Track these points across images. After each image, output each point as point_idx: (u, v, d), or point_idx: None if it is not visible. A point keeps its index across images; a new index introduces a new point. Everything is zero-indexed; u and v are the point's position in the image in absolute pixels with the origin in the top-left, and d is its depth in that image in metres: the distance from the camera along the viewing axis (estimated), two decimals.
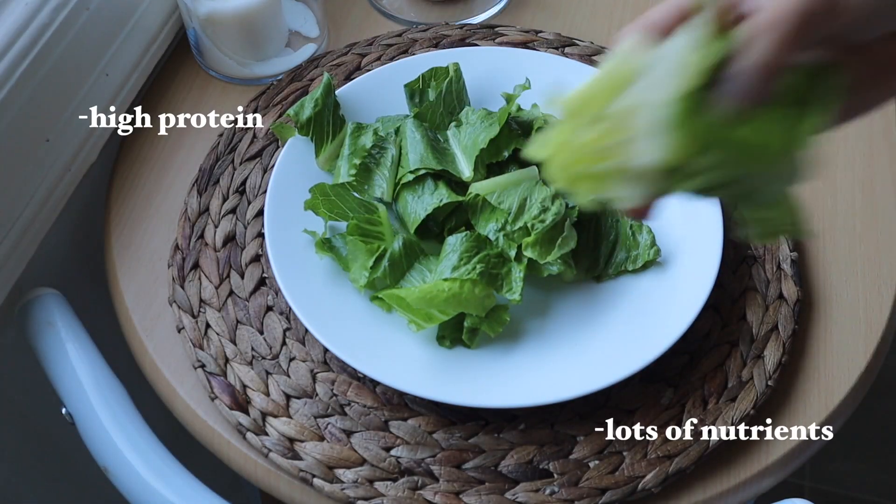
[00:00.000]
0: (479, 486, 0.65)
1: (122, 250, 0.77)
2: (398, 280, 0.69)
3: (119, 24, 0.79)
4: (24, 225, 0.71)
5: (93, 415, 0.68)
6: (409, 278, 0.69)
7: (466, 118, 0.75)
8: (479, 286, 0.66)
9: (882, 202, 0.80)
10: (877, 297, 0.74)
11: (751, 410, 0.67)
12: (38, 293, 0.73)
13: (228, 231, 0.76)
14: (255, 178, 0.79)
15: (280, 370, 0.69)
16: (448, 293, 0.65)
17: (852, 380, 0.70)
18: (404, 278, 0.70)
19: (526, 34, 0.89)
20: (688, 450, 0.65)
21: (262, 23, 0.85)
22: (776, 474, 0.67)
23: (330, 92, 0.77)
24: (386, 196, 0.73)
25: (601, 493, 0.64)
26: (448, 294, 0.65)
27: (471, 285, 0.66)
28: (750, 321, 0.71)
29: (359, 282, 0.69)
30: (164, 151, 0.83)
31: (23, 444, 0.83)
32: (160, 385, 0.71)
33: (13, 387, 0.80)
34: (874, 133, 0.84)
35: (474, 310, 0.66)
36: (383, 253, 0.69)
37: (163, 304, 0.74)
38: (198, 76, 0.88)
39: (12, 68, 0.67)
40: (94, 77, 0.76)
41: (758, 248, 0.75)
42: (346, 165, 0.75)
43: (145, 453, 0.66)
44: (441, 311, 0.66)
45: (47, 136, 0.72)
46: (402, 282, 0.69)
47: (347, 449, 0.66)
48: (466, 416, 0.67)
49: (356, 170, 0.74)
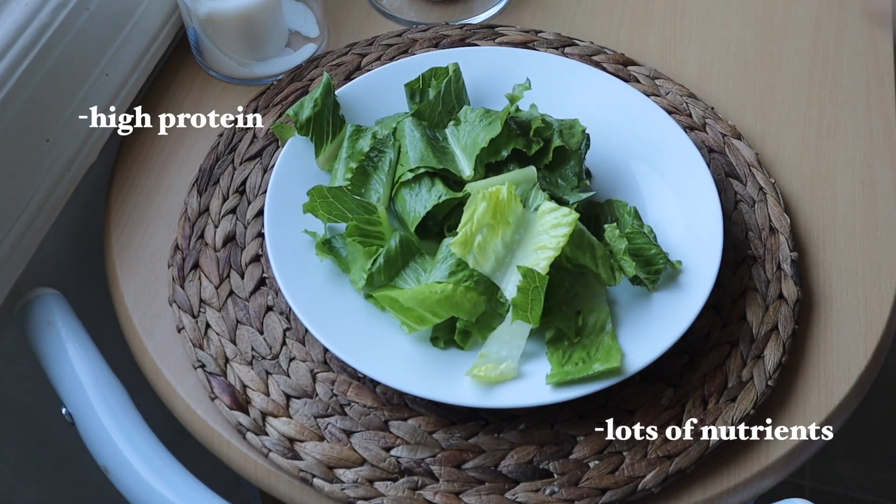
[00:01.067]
0: (479, 486, 0.65)
1: (122, 250, 0.77)
2: (392, 277, 0.69)
3: (119, 24, 0.79)
4: (24, 225, 0.71)
5: (93, 415, 0.68)
6: (404, 276, 0.69)
7: (465, 117, 0.75)
8: (471, 292, 0.66)
9: (882, 202, 0.80)
10: (877, 297, 0.74)
11: (751, 410, 0.67)
12: (38, 293, 0.73)
13: (228, 231, 0.76)
14: (255, 178, 0.79)
15: (280, 370, 0.69)
16: (440, 295, 0.65)
17: (852, 380, 0.70)
18: (399, 276, 0.69)
19: (526, 34, 0.89)
20: (688, 450, 0.65)
21: (262, 23, 0.85)
22: (776, 474, 0.67)
23: (329, 92, 0.77)
24: (382, 200, 0.73)
25: (601, 493, 0.64)
26: (440, 296, 0.65)
27: (464, 290, 0.66)
28: (750, 321, 0.71)
29: (358, 284, 0.69)
30: (164, 151, 0.83)
31: (23, 444, 0.83)
32: (160, 385, 0.71)
33: (13, 387, 0.80)
34: (874, 133, 0.84)
35: (465, 314, 0.66)
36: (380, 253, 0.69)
37: (163, 304, 0.74)
38: (198, 76, 0.88)
39: (12, 68, 0.67)
40: (94, 77, 0.76)
41: (758, 248, 0.75)
42: (343, 169, 0.74)
43: (145, 453, 0.66)
44: (433, 313, 0.66)
45: (47, 136, 0.72)
46: (397, 279, 0.69)
47: (347, 449, 0.66)
48: (466, 416, 0.67)
49: (352, 174, 0.74)
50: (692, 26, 0.93)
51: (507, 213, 0.67)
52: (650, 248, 0.69)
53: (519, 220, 0.68)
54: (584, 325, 0.68)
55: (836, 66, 0.89)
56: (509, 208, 0.67)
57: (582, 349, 0.66)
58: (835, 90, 0.87)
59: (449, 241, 0.68)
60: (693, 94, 0.85)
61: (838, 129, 0.85)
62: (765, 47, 0.91)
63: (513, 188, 0.68)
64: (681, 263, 0.70)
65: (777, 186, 0.79)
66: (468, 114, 0.75)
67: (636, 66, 0.87)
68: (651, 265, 0.69)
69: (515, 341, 0.66)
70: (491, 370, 0.65)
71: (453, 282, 0.66)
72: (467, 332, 0.67)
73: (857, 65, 0.89)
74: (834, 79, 0.88)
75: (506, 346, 0.66)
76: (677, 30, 0.93)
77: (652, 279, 0.69)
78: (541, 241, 0.67)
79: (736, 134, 0.82)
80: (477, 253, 0.67)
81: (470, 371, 0.65)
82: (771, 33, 0.92)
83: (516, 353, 0.66)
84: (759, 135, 0.84)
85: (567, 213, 0.66)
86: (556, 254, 0.65)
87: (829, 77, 0.88)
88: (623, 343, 0.67)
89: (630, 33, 0.92)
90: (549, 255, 0.65)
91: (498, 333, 0.67)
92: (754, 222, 0.77)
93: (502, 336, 0.67)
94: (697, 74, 0.89)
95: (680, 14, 0.94)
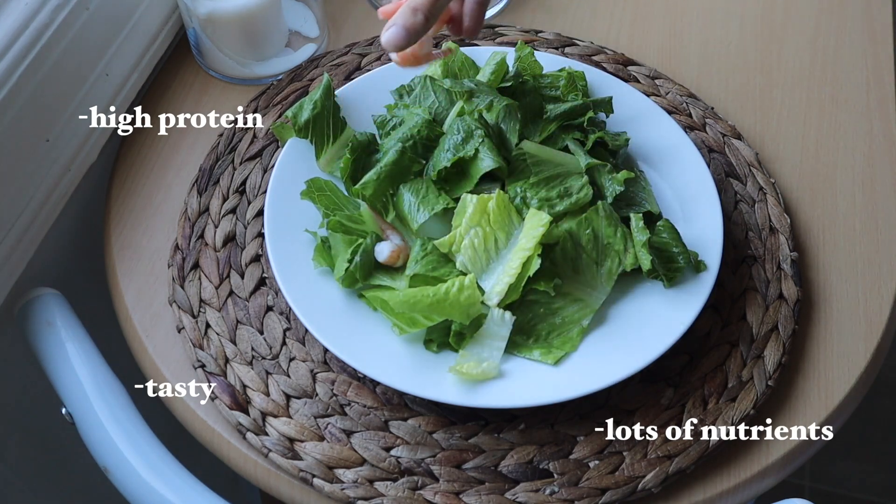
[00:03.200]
0: (479, 486, 0.65)
1: (122, 250, 0.77)
2: (366, 277, 0.70)
3: (119, 24, 0.79)
4: (24, 225, 0.71)
5: (93, 415, 0.68)
6: (379, 275, 0.71)
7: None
8: (463, 292, 0.66)
9: (882, 202, 0.80)
10: (877, 297, 0.74)
11: (751, 410, 0.67)
12: (38, 293, 0.73)
13: (228, 231, 0.76)
14: (255, 178, 0.79)
15: (280, 370, 0.69)
16: (432, 298, 0.65)
17: (852, 380, 0.70)
18: (380, 270, 0.71)
19: (526, 34, 0.89)
20: (688, 450, 0.65)
21: (262, 23, 0.85)
22: (776, 474, 0.67)
23: (330, 94, 0.77)
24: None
25: (601, 493, 0.64)
26: (432, 299, 0.65)
27: (457, 292, 0.66)
28: (750, 321, 0.71)
29: (338, 273, 0.69)
30: (164, 151, 0.83)
31: (23, 444, 0.83)
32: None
33: (13, 386, 0.80)
34: (874, 133, 0.84)
35: (458, 317, 0.66)
36: (358, 247, 0.70)
37: (163, 304, 0.74)
38: (198, 76, 0.88)
39: (12, 68, 0.67)
40: (94, 77, 0.76)
41: (758, 248, 0.75)
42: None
43: (145, 453, 0.66)
44: (425, 316, 0.66)
45: (47, 136, 0.72)
46: (379, 272, 0.71)
47: (347, 449, 0.66)
48: (466, 416, 0.67)
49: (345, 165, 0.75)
50: (692, 26, 0.93)
51: (497, 218, 0.68)
52: (674, 245, 0.69)
53: (508, 226, 0.68)
54: (563, 321, 0.68)
55: (836, 66, 0.89)
56: (502, 214, 0.69)
57: (550, 330, 0.68)
58: (835, 90, 0.87)
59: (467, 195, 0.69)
60: (693, 94, 0.85)
61: (838, 129, 0.85)
62: (765, 47, 0.91)
63: (503, 196, 0.69)
64: (704, 265, 0.70)
65: (777, 186, 0.79)
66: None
67: (636, 66, 0.87)
68: (672, 262, 0.69)
69: (496, 343, 0.67)
70: (473, 367, 0.65)
71: (446, 285, 0.66)
72: (462, 334, 0.67)
73: (857, 65, 0.89)
74: (834, 79, 0.88)
75: (486, 349, 0.67)
76: (677, 30, 0.93)
77: (670, 276, 0.69)
78: (521, 243, 0.68)
79: (736, 134, 0.82)
80: (464, 254, 0.68)
81: (452, 367, 0.65)
82: (771, 33, 0.92)
83: (497, 354, 0.66)
84: (758, 135, 0.84)
85: (542, 218, 0.67)
86: (529, 254, 0.67)
87: (829, 77, 0.88)
88: (623, 343, 0.67)
89: (630, 33, 0.92)
90: (522, 256, 0.67)
91: (478, 335, 0.67)
92: (754, 222, 0.77)
93: (482, 338, 0.67)
94: (697, 74, 0.89)
95: (680, 14, 0.94)
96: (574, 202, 0.70)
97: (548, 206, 0.69)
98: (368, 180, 0.72)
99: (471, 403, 0.65)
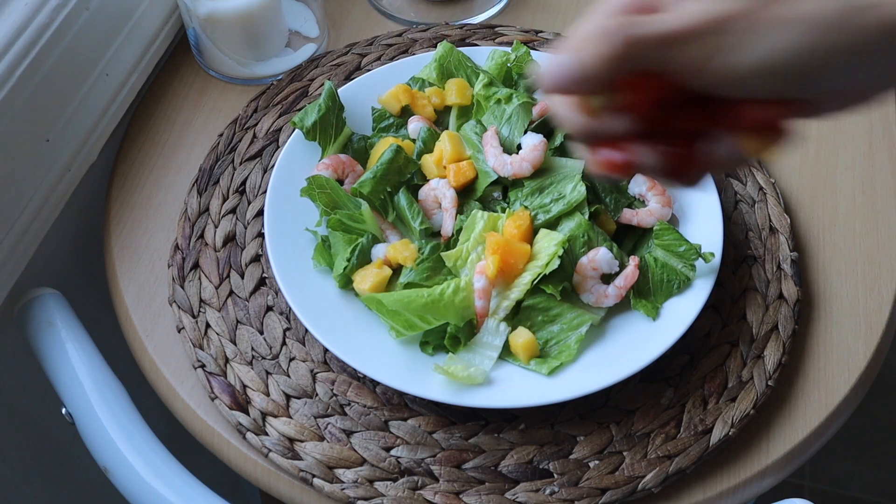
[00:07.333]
0: (479, 486, 0.65)
1: (122, 250, 0.77)
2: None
3: (119, 24, 0.79)
4: (24, 225, 0.71)
5: (93, 415, 0.68)
6: None
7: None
8: (458, 294, 0.66)
9: (882, 202, 0.80)
10: (877, 297, 0.74)
11: (751, 410, 0.67)
12: (38, 293, 0.73)
13: (228, 231, 0.76)
14: (255, 178, 0.79)
15: (280, 370, 0.69)
16: (427, 299, 0.65)
17: (852, 380, 0.70)
18: None
19: (526, 34, 0.89)
20: (688, 450, 0.65)
21: (262, 23, 0.85)
22: (776, 474, 0.67)
23: (333, 98, 0.77)
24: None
25: (601, 493, 0.64)
26: (427, 300, 0.65)
27: (451, 294, 0.66)
28: (750, 321, 0.71)
29: (336, 271, 0.69)
30: (163, 151, 0.83)
31: (23, 444, 0.83)
32: (160, 385, 0.71)
33: (13, 387, 0.80)
34: (874, 133, 0.84)
35: (452, 318, 0.66)
36: (356, 247, 0.70)
37: (163, 304, 0.74)
38: (198, 76, 0.88)
39: (12, 68, 0.67)
40: (94, 77, 0.76)
41: (758, 248, 0.75)
42: None
43: (145, 453, 0.66)
44: (419, 317, 0.66)
45: (47, 136, 0.72)
46: None
47: (347, 449, 0.66)
48: (466, 416, 0.67)
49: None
50: None
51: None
52: (680, 243, 0.69)
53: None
54: (561, 329, 0.68)
55: None
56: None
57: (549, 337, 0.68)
58: None
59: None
60: None
61: (838, 129, 0.85)
62: None
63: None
64: (713, 255, 0.70)
65: (777, 186, 0.79)
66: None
67: None
68: (684, 258, 0.69)
69: (487, 352, 0.67)
70: (460, 370, 0.65)
71: (441, 287, 0.66)
72: (457, 337, 0.67)
73: None
74: None
75: (478, 356, 0.67)
76: None
77: (690, 268, 0.69)
78: (533, 262, 0.68)
79: None
80: (469, 270, 0.69)
81: (438, 366, 0.65)
82: None
83: (487, 363, 0.66)
84: None
85: (554, 237, 0.68)
86: (540, 272, 0.67)
87: None
88: (623, 343, 0.67)
89: None
90: (534, 273, 0.67)
91: (472, 343, 0.67)
92: (754, 222, 0.77)
93: (475, 346, 0.67)
94: None
95: None
96: (568, 203, 0.70)
97: (543, 211, 0.70)
98: (365, 179, 0.72)
99: (470, 403, 0.65)
